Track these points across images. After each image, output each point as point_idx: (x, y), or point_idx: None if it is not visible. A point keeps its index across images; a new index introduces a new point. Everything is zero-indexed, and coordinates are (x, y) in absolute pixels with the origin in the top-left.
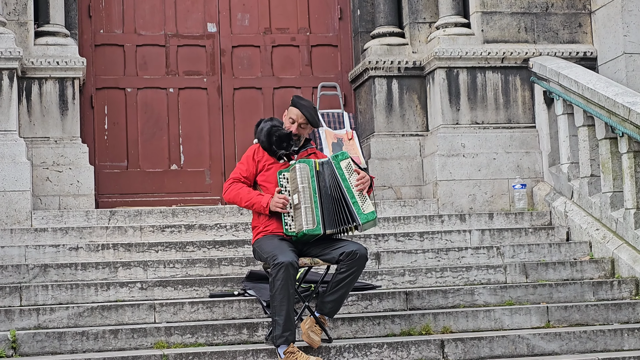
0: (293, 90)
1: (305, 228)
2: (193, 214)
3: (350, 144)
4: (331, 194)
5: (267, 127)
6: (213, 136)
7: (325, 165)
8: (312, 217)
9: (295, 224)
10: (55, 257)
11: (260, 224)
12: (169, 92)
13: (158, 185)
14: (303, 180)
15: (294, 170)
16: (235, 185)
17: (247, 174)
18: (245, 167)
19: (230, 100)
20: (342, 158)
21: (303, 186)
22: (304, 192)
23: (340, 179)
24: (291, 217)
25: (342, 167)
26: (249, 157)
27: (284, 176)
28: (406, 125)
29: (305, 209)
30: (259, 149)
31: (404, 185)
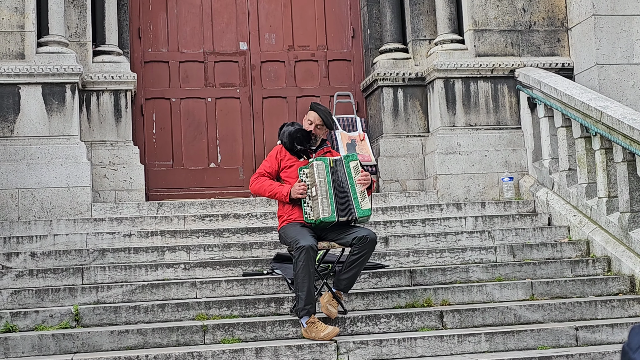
0: (313, 98)
1: (322, 216)
2: (228, 205)
3: (362, 144)
4: (342, 187)
5: (290, 130)
6: (245, 138)
7: (338, 162)
8: (327, 207)
9: (313, 212)
10: (111, 242)
11: (285, 213)
12: (207, 102)
13: (199, 180)
14: (320, 175)
15: (312, 166)
16: (260, 178)
17: (270, 170)
18: (269, 164)
19: (259, 108)
20: (351, 159)
21: (320, 180)
22: (320, 186)
23: (347, 176)
24: (310, 207)
25: (350, 166)
26: (273, 156)
27: (304, 172)
28: (410, 127)
29: (322, 199)
30: (281, 149)
31: (409, 179)
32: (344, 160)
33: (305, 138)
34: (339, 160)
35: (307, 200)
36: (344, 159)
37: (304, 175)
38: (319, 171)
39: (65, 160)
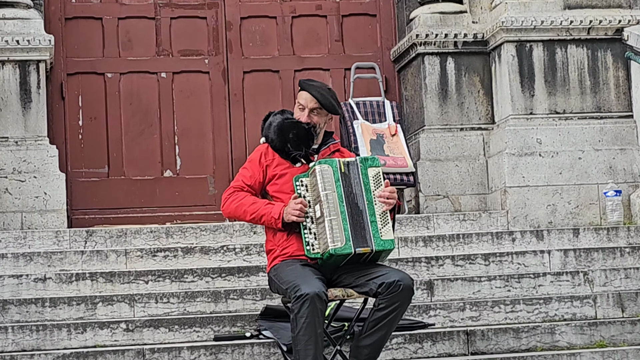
0: (319, 73)
1: (331, 247)
2: (193, 233)
3: (393, 141)
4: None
5: (278, 121)
6: (218, 133)
7: (352, 166)
8: (340, 233)
9: (319, 242)
10: (16, 290)
11: (277, 246)
12: (160, 78)
13: (148, 197)
14: (326, 185)
15: (313, 174)
16: (237, 194)
17: (251, 182)
18: (249, 172)
19: (239, 87)
20: (371, 164)
21: (326, 194)
22: (327, 201)
23: (363, 189)
24: (314, 235)
25: (369, 174)
26: (255, 161)
27: (302, 182)
28: (465, 116)
29: (331, 222)
30: (267, 150)
31: (464, 193)
32: (360, 164)
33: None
34: (352, 163)
35: (308, 224)
36: (361, 163)
37: (303, 187)
38: (325, 180)
39: None
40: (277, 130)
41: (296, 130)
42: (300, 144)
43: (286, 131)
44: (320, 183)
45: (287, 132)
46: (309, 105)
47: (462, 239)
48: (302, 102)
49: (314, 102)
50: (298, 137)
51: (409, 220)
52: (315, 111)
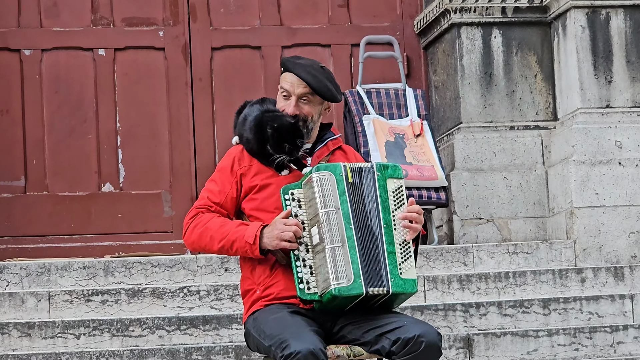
0: (316, 50)
1: (334, 285)
2: (142, 270)
3: (418, 144)
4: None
5: (256, 114)
6: (176, 133)
7: (365, 174)
8: (345, 266)
9: (316, 279)
10: None
11: (257, 285)
12: (97, 56)
13: (80, 220)
14: (327, 200)
15: (309, 184)
16: (202, 217)
17: (221, 199)
18: (218, 186)
19: (206, 70)
20: (393, 174)
21: (327, 212)
22: (329, 222)
23: (380, 206)
24: (309, 268)
25: (388, 188)
26: (226, 170)
27: (293, 196)
28: (517, 109)
29: (334, 250)
30: (242, 153)
31: (515, 216)
32: (377, 173)
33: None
34: (366, 171)
35: (301, 253)
36: (378, 171)
37: (294, 202)
38: (326, 192)
39: None
40: (253, 126)
41: (277, 124)
42: (283, 144)
43: (265, 126)
44: (318, 197)
45: (266, 128)
46: (295, 90)
47: (512, 278)
48: (286, 86)
49: (302, 85)
50: (280, 134)
51: (440, 252)
52: (304, 98)
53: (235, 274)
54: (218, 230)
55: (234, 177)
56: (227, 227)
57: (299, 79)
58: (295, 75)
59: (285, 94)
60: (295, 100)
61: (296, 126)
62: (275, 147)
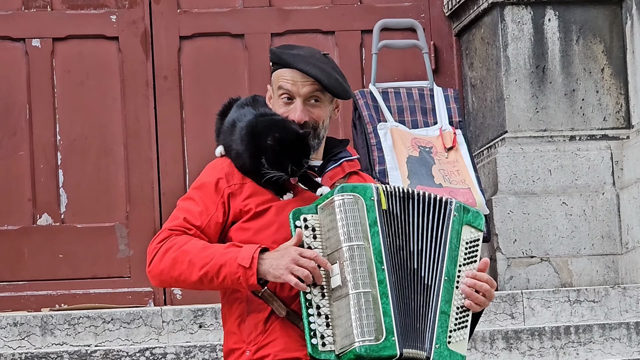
0: (316, 38)
1: (359, 343)
2: (90, 327)
3: (450, 160)
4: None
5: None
6: (134, 147)
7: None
8: (374, 318)
9: (334, 332)
10: None
11: (247, 344)
12: (30, 49)
13: (9, 262)
14: (352, 232)
15: (329, 208)
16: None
17: (202, 222)
18: (199, 206)
19: (172, 65)
20: (473, 221)
21: (353, 247)
22: (354, 260)
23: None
24: (325, 318)
25: (463, 235)
26: (209, 187)
27: (306, 222)
28: (579, 114)
29: (359, 298)
30: (230, 169)
31: (577, 254)
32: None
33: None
34: (421, 198)
35: (315, 298)
36: (457, 210)
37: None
38: (352, 221)
39: None
40: (245, 135)
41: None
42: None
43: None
44: (342, 226)
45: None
46: (300, 90)
47: (574, 335)
48: (287, 86)
49: (308, 83)
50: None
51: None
52: (313, 99)
53: (213, 331)
54: (199, 253)
55: (219, 196)
56: (212, 250)
57: (303, 75)
58: (297, 71)
59: (286, 96)
60: (302, 103)
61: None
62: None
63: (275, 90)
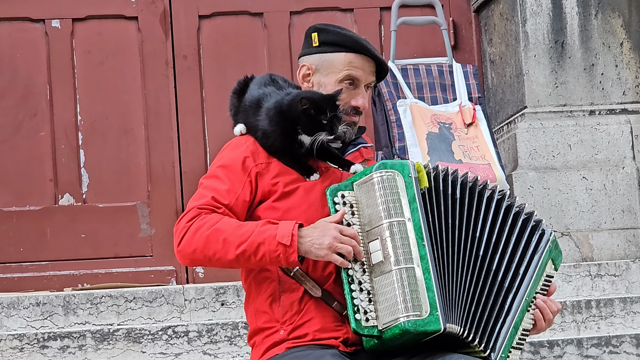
0: (335, 15)
1: (402, 319)
2: (113, 306)
3: (470, 136)
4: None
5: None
6: (155, 127)
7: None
8: (418, 295)
9: (376, 308)
10: None
11: (280, 323)
12: (50, 29)
13: (31, 242)
14: (392, 208)
15: (368, 185)
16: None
17: (230, 200)
18: (226, 185)
19: (192, 44)
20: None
21: (393, 223)
22: (394, 236)
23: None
24: (367, 294)
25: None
26: (235, 166)
27: (344, 199)
28: (598, 89)
29: (401, 273)
30: (255, 147)
31: (598, 228)
32: (551, 244)
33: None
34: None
35: (357, 274)
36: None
37: (346, 207)
38: (390, 198)
39: None
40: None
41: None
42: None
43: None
44: (381, 203)
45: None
46: (367, 78)
47: (595, 309)
48: (357, 74)
49: (372, 71)
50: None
51: None
52: (369, 87)
53: (235, 309)
54: (234, 231)
55: (246, 175)
56: (247, 228)
57: (369, 63)
58: (365, 58)
59: (349, 81)
60: (363, 89)
61: (335, 98)
62: (310, 127)
63: (334, 73)
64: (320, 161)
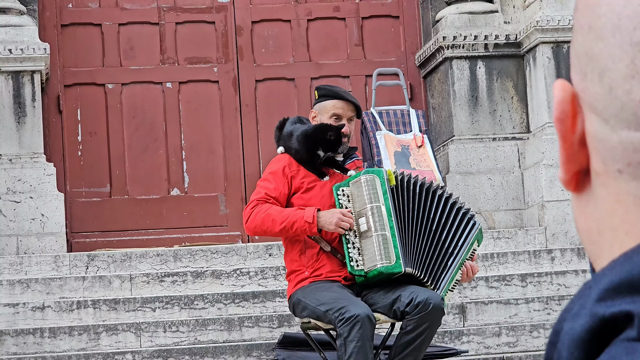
0: (338, 80)
1: (379, 265)
2: (203, 256)
3: (420, 153)
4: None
5: (303, 129)
6: (228, 148)
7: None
8: (388, 250)
9: (364, 259)
10: (13, 320)
11: (305, 267)
12: (165, 88)
13: (154, 217)
14: (372, 197)
15: (357, 184)
16: (261, 206)
17: (276, 194)
18: (273, 185)
19: (251, 97)
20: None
21: (373, 207)
22: (373, 215)
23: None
24: (358, 250)
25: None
26: (278, 172)
27: (343, 192)
28: (498, 124)
29: (378, 238)
30: (290, 161)
31: (498, 209)
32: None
33: (338, 140)
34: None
35: (351, 238)
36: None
37: (344, 197)
38: (371, 191)
39: None
40: (302, 138)
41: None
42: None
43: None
44: (366, 194)
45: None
46: (347, 114)
47: (496, 258)
48: (338, 112)
49: (351, 109)
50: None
51: None
52: (351, 120)
53: (278, 257)
54: (279, 215)
55: (285, 178)
56: (287, 212)
57: (349, 104)
58: (345, 102)
59: (335, 117)
60: (347, 123)
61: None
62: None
63: (325, 113)
64: (330, 168)
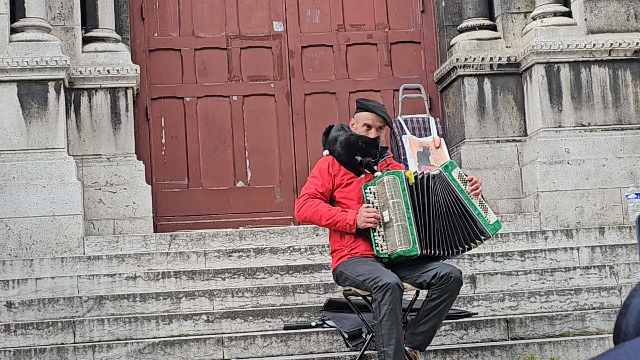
0: (371, 93)
1: (399, 249)
2: (262, 236)
3: (437, 152)
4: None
5: (345, 137)
6: (283, 148)
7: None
8: (407, 236)
9: (387, 244)
10: (111, 287)
11: (345, 246)
12: (232, 100)
13: (223, 205)
14: (394, 194)
15: (381, 183)
16: (312, 201)
17: (323, 190)
18: (320, 181)
19: (301, 107)
20: (452, 168)
21: (394, 202)
22: (394, 208)
23: (457, 191)
24: (382, 237)
25: (454, 177)
26: (324, 171)
27: (370, 190)
28: (501, 129)
29: (398, 227)
30: (333, 162)
31: (501, 198)
32: (445, 173)
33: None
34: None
35: (377, 227)
36: (444, 171)
37: (371, 194)
38: (392, 189)
39: (48, 181)
40: (344, 144)
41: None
42: (368, 152)
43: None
44: (388, 191)
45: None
46: (376, 124)
47: (500, 238)
48: (368, 122)
49: (379, 121)
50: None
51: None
52: (380, 129)
53: (323, 237)
54: (326, 212)
55: (329, 176)
56: (333, 211)
57: (378, 117)
58: (376, 114)
59: (366, 126)
60: (375, 131)
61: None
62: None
63: (360, 122)
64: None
